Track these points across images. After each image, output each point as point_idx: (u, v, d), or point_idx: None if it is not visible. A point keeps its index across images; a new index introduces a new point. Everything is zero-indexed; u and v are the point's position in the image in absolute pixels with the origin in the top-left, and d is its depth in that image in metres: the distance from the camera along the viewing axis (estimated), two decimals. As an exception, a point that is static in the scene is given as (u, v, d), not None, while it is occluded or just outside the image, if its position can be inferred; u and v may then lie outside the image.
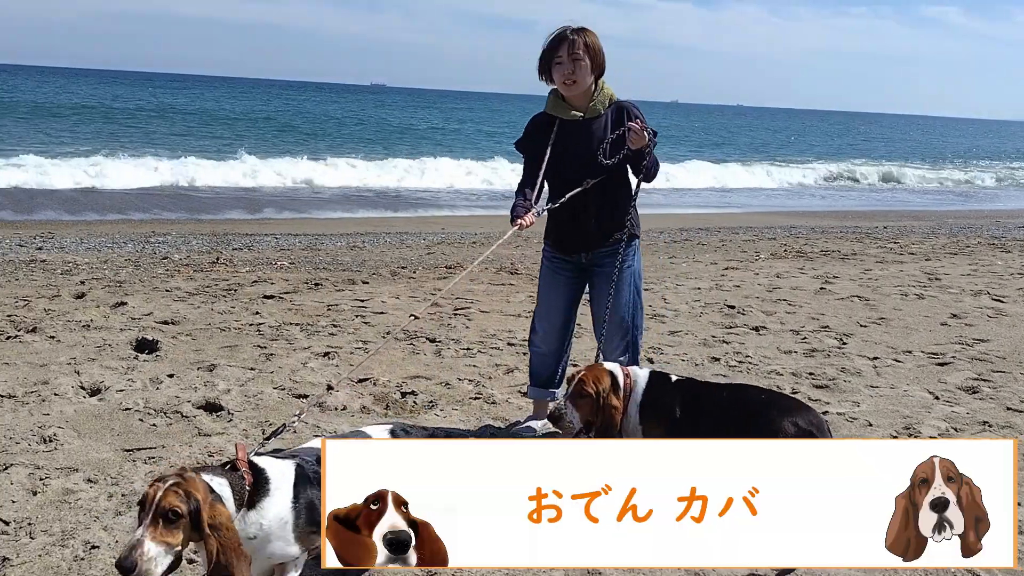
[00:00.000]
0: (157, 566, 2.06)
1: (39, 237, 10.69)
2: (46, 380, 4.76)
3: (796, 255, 11.16)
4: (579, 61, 3.83)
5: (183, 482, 2.15)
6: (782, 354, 5.95)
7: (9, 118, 31.07)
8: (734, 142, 48.59)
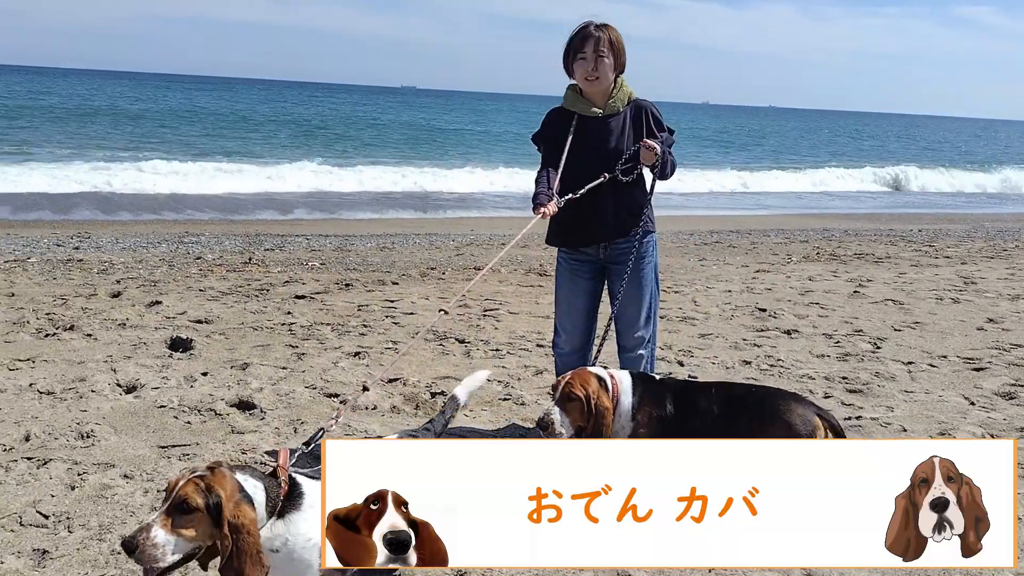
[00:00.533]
0: (162, 554, 2.03)
1: (76, 237, 10.89)
2: (83, 377, 4.85)
3: (829, 258, 11.04)
4: (602, 58, 3.83)
5: (209, 476, 2.11)
6: (815, 358, 5.88)
7: (46, 119, 31.70)
8: (768, 144, 48.17)
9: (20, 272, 8.03)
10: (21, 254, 9.17)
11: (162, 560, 2.05)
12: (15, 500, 3.37)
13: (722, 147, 41.56)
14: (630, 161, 3.91)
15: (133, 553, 2.02)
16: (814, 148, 46.37)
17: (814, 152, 42.07)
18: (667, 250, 11.45)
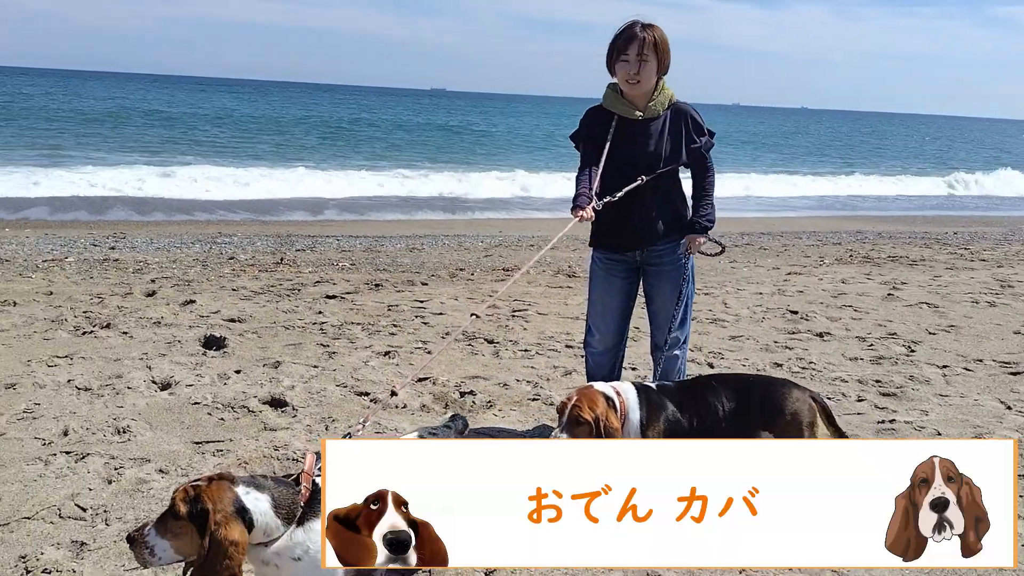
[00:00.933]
0: (151, 555, 2.09)
1: (112, 237, 11.07)
2: (120, 374, 4.93)
3: (862, 260, 10.90)
4: (645, 62, 3.78)
5: (203, 486, 2.11)
6: (847, 361, 5.82)
7: (79, 123, 32.30)
8: (802, 145, 47.70)
9: (58, 271, 8.19)
10: (59, 254, 9.35)
11: (152, 561, 2.11)
12: (54, 493, 3.44)
13: (806, 152, 41.21)
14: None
15: (129, 543, 2.12)
16: (888, 152, 45.81)
17: (893, 157, 41.51)
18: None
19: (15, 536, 3.11)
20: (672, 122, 3.92)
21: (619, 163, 3.90)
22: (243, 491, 2.16)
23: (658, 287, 4.10)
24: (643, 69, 3.79)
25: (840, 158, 38.54)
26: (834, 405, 4.87)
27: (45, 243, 10.16)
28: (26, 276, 7.84)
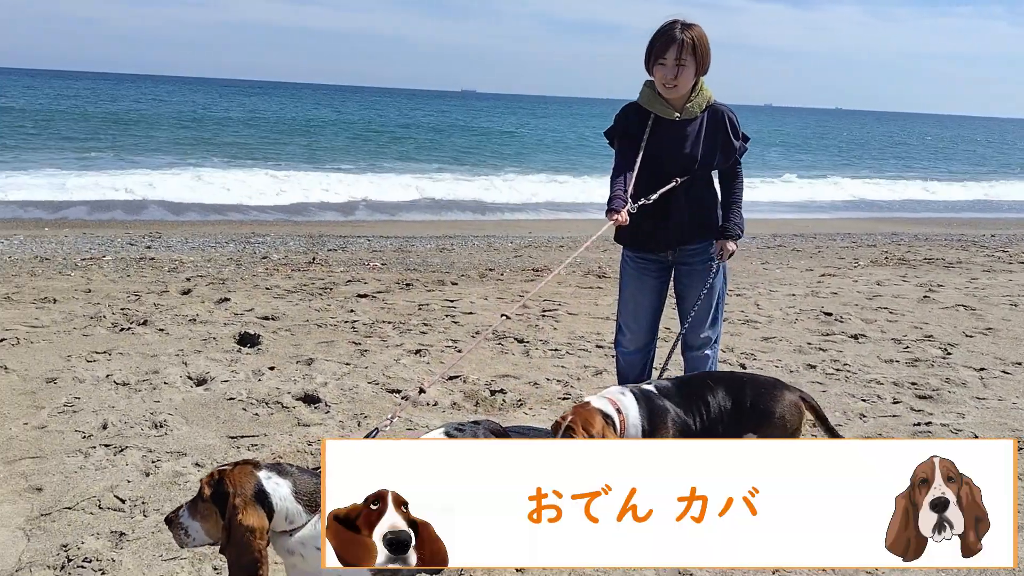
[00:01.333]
0: (186, 535, 2.20)
1: (148, 236, 11.26)
2: (156, 370, 5.01)
3: (898, 262, 10.76)
4: (683, 66, 3.70)
5: (228, 471, 2.18)
6: (883, 363, 5.74)
7: (117, 124, 32.88)
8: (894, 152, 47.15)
9: (96, 270, 8.34)
10: (97, 252, 9.52)
11: (187, 542, 2.22)
12: (94, 484, 3.51)
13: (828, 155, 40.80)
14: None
15: (168, 523, 2.25)
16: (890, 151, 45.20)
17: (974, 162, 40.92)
18: (728, 253, 11.30)
19: (57, 526, 3.18)
20: (709, 124, 3.86)
21: (654, 164, 3.86)
22: (265, 476, 2.21)
23: (690, 287, 4.08)
24: (681, 74, 3.72)
25: (873, 159, 38.04)
26: (869, 407, 4.83)
27: (83, 242, 10.36)
28: (65, 274, 8.00)
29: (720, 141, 3.86)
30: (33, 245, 9.92)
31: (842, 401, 4.93)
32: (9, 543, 3.04)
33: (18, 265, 8.40)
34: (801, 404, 3.39)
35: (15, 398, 4.48)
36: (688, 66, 3.71)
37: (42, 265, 8.46)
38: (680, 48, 3.68)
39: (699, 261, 4.03)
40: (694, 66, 3.73)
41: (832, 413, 4.70)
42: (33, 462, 3.71)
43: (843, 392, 5.09)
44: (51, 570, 2.88)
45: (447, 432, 2.81)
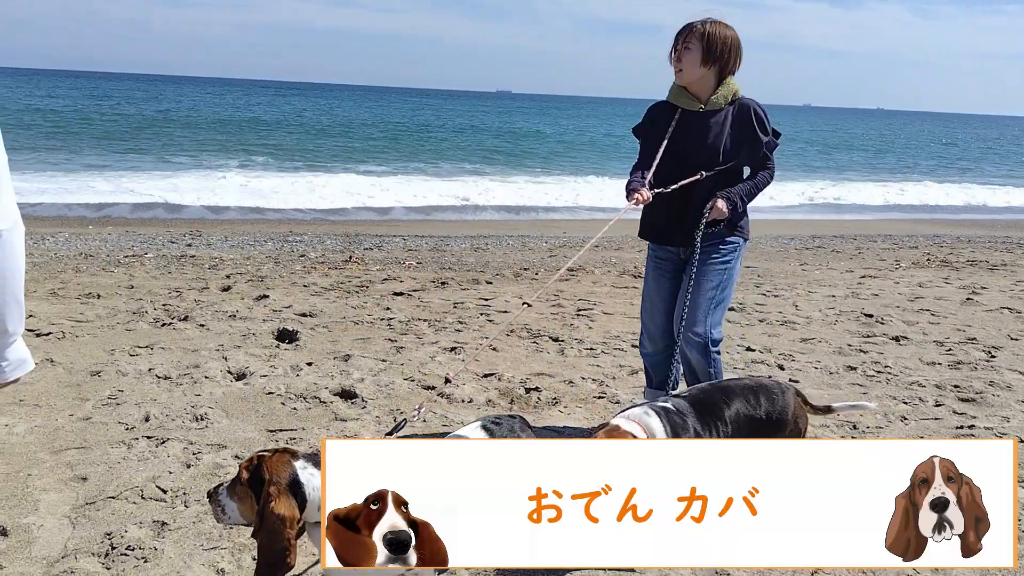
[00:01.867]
0: (223, 512, 2.28)
1: (188, 235, 11.44)
2: (197, 364, 5.09)
3: (940, 264, 10.56)
4: (688, 50, 3.74)
5: (267, 457, 2.23)
6: (924, 365, 5.64)
7: (159, 128, 33.50)
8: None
9: (138, 266, 8.50)
10: (139, 250, 9.70)
11: (223, 519, 2.30)
12: (137, 475, 3.58)
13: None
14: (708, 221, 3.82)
15: (209, 498, 2.33)
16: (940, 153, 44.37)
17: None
18: (766, 254, 11.19)
19: (101, 514, 3.24)
20: (735, 117, 3.82)
21: (679, 157, 3.82)
22: (301, 466, 2.24)
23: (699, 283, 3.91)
24: (684, 57, 3.76)
25: (913, 159, 37.38)
26: (911, 410, 4.75)
27: (126, 240, 10.56)
28: (108, 271, 8.16)
29: (746, 135, 3.80)
30: (78, 242, 10.13)
31: (883, 403, 4.85)
32: (56, 530, 3.11)
33: (63, 261, 8.59)
34: (800, 401, 3.33)
35: (61, 390, 4.58)
36: (692, 51, 3.74)
37: (86, 262, 8.64)
38: (687, 33, 3.75)
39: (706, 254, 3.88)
40: (699, 54, 3.74)
41: (873, 416, 4.63)
42: (78, 452, 3.79)
43: (884, 394, 5.01)
44: (95, 557, 2.94)
45: (483, 425, 2.82)
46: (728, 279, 3.96)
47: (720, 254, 3.92)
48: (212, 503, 2.33)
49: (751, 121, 3.80)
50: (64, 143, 24.43)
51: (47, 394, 4.50)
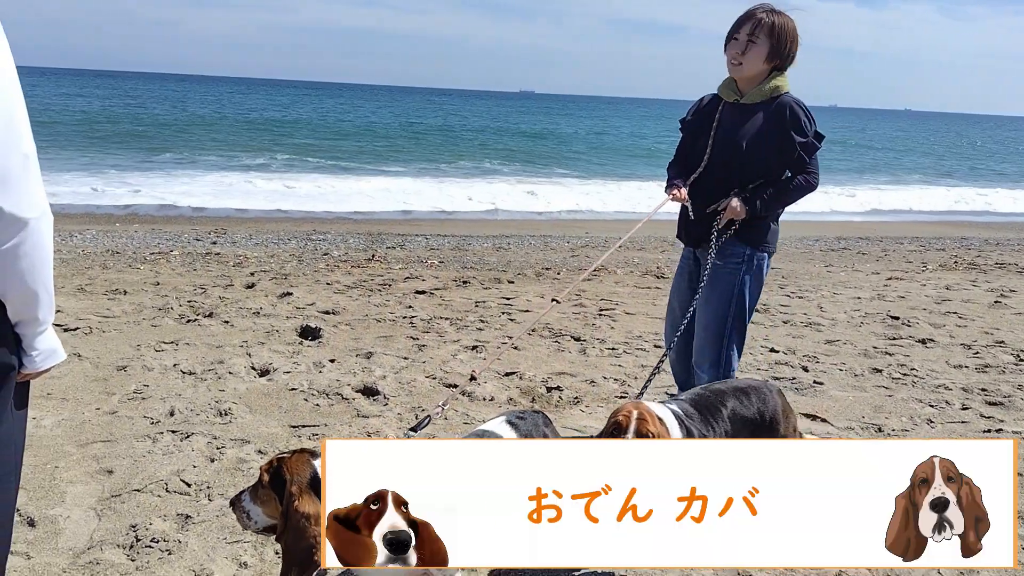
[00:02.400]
0: (248, 519, 2.28)
1: (213, 232, 11.54)
2: (222, 360, 5.14)
3: (968, 267, 10.41)
4: (754, 44, 3.49)
5: (287, 458, 2.24)
6: (951, 368, 5.56)
7: (186, 126, 33.85)
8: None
9: (164, 263, 8.59)
10: (165, 247, 9.81)
11: (249, 525, 2.30)
12: (161, 468, 3.61)
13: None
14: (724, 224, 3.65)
15: (232, 506, 2.34)
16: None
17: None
18: (791, 255, 11.10)
19: (126, 507, 3.28)
20: (772, 115, 3.57)
21: (709, 148, 3.68)
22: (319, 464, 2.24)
23: (706, 294, 3.72)
24: (749, 51, 3.50)
25: (940, 160, 36.90)
26: (937, 413, 4.69)
27: (152, 237, 10.67)
28: (135, 267, 8.26)
29: (776, 134, 3.54)
30: (105, 239, 10.26)
31: (908, 406, 4.79)
32: (82, 522, 3.15)
33: (91, 258, 8.70)
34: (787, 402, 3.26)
35: (88, 384, 4.64)
36: (760, 45, 3.49)
37: (113, 258, 8.75)
38: (756, 25, 3.48)
39: (718, 264, 3.67)
40: (767, 49, 3.50)
41: (899, 419, 4.58)
42: (104, 446, 3.84)
43: (910, 397, 4.95)
44: (120, 549, 2.98)
45: (508, 420, 2.85)
46: (739, 293, 3.68)
47: (732, 263, 3.67)
48: (236, 511, 2.34)
49: (785, 120, 3.54)
50: (91, 142, 24.74)
51: (74, 388, 4.56)
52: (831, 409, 4.71)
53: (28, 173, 1.63)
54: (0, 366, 1.76)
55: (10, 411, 1.82)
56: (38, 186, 1.66)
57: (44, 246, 1.70)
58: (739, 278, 3.67)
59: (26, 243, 1.65)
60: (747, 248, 3.66)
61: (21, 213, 1.61)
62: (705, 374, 3.76)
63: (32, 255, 1.67)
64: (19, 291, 1.71)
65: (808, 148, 3.57)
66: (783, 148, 3.55)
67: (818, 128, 3.63)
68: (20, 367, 1.81)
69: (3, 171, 1.57)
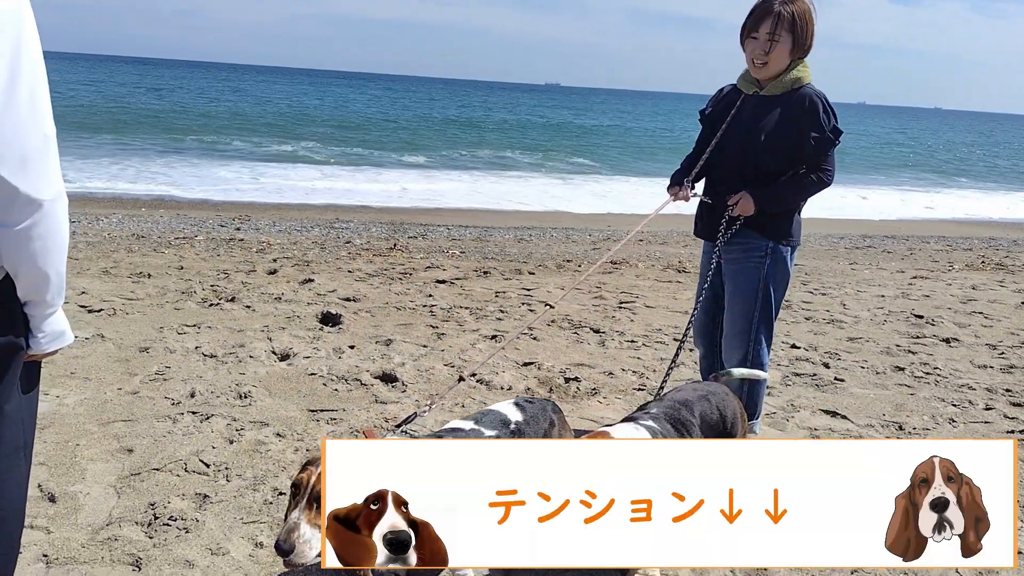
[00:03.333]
0: (311, 549, 2.09)
1: (237, 219, 11.63)
2: (242, 344, 5.18)
3: (995, 267, 10.26)
4: (776, 42, 3.41)
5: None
6: (976, 368, 5.49)
7: (209, 117, 34.08)
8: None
9: (188, 248, 8.67)
10: (189, 232, 9.90)
11: (310, 554, 2.10)
12: (181, 449, 3.65)
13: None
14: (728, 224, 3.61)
15: (288, 555, 2.07)
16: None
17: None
18: (815, 252, 10.99)
19: (145, 485, 3.32)
20: (791, 106, 3.48)
21: (726, 140, 3.63)
22: None
23: (729, 291, 3.71)
24: (773, 50, 3.42)
25: (970, 161, 36.36)
26: (959, 412, 4.63)
27: (177, 223, 10.77)
28: (160, 252, 8.34)
29: (794, 126, 3.46)
30: (130, 224, 10.37)
31: (931, 405, 4.73)
32: (101, 499, 3.19)
33: (116, 242, 8.80)
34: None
35: (110, 365, 4.70)
36: (782, 43, 3.41)
37: (138, 243, 8.84)
38: (776, 22, 3.38)
39: (742, 258, 3.64)
40: (790, 44, 3.42)
41: (920, 417, 4.53)
42: (125, 425, 3.88)
43: (932, 396, 4.89)
44: (139, 526, 3.01)
45: (516, 402, 2.90)
46: (765, 287, 3.62)
47: (756, 258, 3.63)
48: (298, 543, 2.09)
49: (803, 113, 3.45)
50: (116, 128, 24.99)
51: (97, 368, 4.62)
52: (852, 406, 4.66)
53: (47, 155, 1.64)
54: (8, 345, 1.77)
55: (17, 391, 1.83)
56: (55, 168, 1.67)
57: (58, 229, 1.70)
58: (764, 272, 3.62)
59: (40, 224, 1.65)
60: (770, 242, 3.62)
61: (37, 194, 1.62)
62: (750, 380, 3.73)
63: (46, 237, 1.68)
64: (30, 272, 1.71)
65: (824, 144, 3.48)
66: (799, 141, 3.48)
67: (838, 123, 3.54)
68: (27, 348, 1.82)
69: (23, 152, 1.57)
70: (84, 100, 34.65)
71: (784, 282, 3.70)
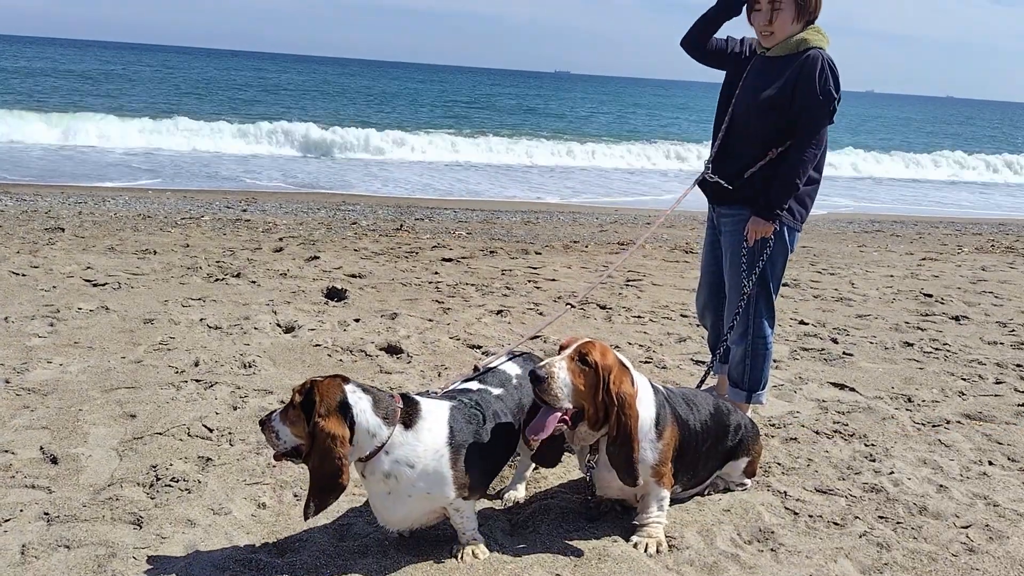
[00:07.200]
0: (277, 439, 2.40)
1: (244, 201, 11.60)
2: (247, 316, 5.16)
3: (1005, 250, 10.18)
4: (779, 11, 3.39)
5: (319, 381, 2.36)
6: (985, 344, 5.44)
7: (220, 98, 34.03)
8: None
9: (195, 227, 8.66)
10: (196, 213, 9.88)
11: (278, 445, 2.41)
12: (184, 414, 3.64)
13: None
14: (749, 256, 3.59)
15: (263, 431, 2.45)
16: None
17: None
18: (823, 236, 10.92)
19: (148, 448, 3.30)
20: (794, 67, 3.40)
21: (737, 102, 3.59)
22: (350, 390, 2.38)
23: (725, 265, 3.69)
24: (776, 19, 3.39)
25: (983, 148, 36.05)
26: (969, 386, 4.59)
27: (184, 204, 10.76)
28: (166, 231, 8.33)
29: (792, 87, 3.38)
30: (137, 204, 10.36)
31: (940, 379, 4.69)
32: (103, 461, 3.18)
33: (122, 221, 8.79)
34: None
35: (114, 335, 4.68)
36: (785, 10, 3.39)
37: (145, 222, 8.83)
38: None
39: (729, 231, 3.63)
40: (793, 9, 3.39)
41: (929, 390, 4.49)
42: (128, 392, 3.87)
43: (941, 370, 4.85)
44: (140, 487, 3.00)
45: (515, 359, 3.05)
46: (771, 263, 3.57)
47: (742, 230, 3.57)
48: (265, 431, 2.43)
49: (800, 73, 3.37)
50: (131, 110, 24.99)
51: (100, 338, 4.61)
52: (860, 380, 4.62)
53: None
54: None
55: None
56: None
57: None
58: (764, 249, 3.57)
59: None
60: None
61: None
62: (735, 345, 3.72)
63: None
64: None
65: (821, 110, 3.38)
66: (791, 103, 3.40)
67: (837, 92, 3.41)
68: None
69: None
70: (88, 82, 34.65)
71: (783, 259, 3.63)
